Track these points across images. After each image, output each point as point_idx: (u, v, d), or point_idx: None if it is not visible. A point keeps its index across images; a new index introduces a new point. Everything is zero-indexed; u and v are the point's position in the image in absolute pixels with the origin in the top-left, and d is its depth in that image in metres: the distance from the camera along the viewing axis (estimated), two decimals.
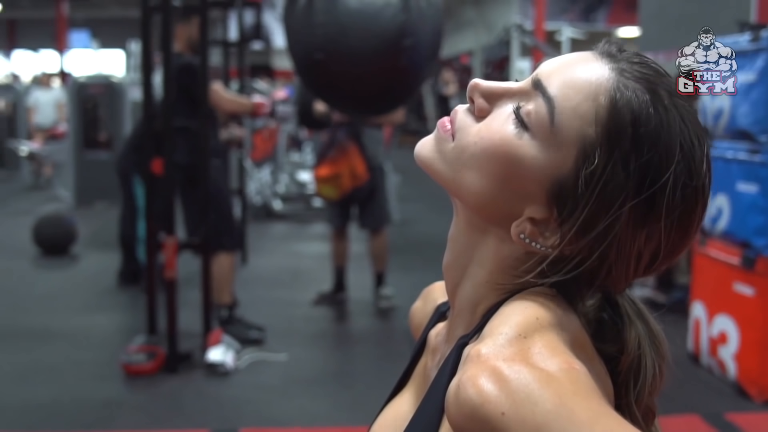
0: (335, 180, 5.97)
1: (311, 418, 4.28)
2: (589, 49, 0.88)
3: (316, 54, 4.17)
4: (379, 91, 4.34)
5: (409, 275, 7.15)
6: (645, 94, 0.82)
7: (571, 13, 20.61)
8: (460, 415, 0.74)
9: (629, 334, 0.88)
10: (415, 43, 4.17)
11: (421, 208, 11.21)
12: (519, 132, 0.83)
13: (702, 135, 0.84)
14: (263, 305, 6.14)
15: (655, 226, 0.82)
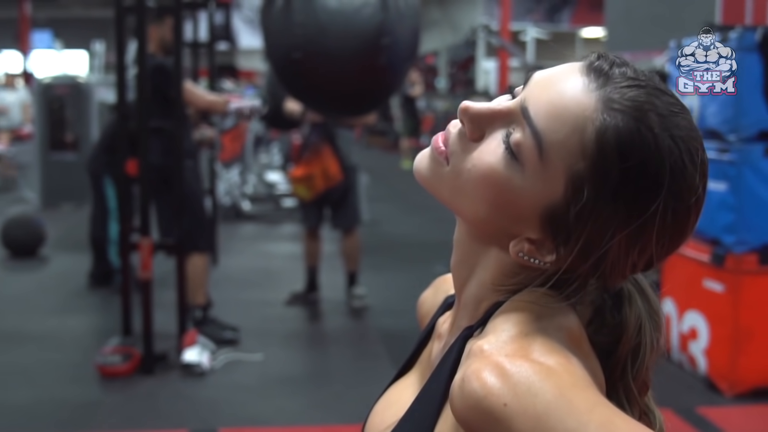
0: (309, 180, 5.99)
1: (289, 418, 4.29)
2: (580, 59, 0.89)
3: (294, 53, 4.19)
4: (358, 90, 4.36)
5: (381, 275, 7.19)
6: (633, 122, 0.82)
7: (535, 13, 20.77)
8: (465, 407, 0.78)
9: (630, 315, 0.92)
10: (394, 42, 4.20)
11: (390, 208, 11.25)
12: (509, 162, 0.85)
13: (695, 149, 0.84)
14: (236, 306, 6.14)
15: (648, 242, 0.85)
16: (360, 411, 4.35)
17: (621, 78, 0.85)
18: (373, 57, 4.20)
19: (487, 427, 0.77)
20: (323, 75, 4.25)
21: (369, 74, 4.27)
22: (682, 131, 0.84)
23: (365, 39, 4.17)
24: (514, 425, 0.75)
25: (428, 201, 12.73)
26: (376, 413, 1.10)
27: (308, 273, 6.47)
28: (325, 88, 4.32)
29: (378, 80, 4.33)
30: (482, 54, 19.17)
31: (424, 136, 17.86)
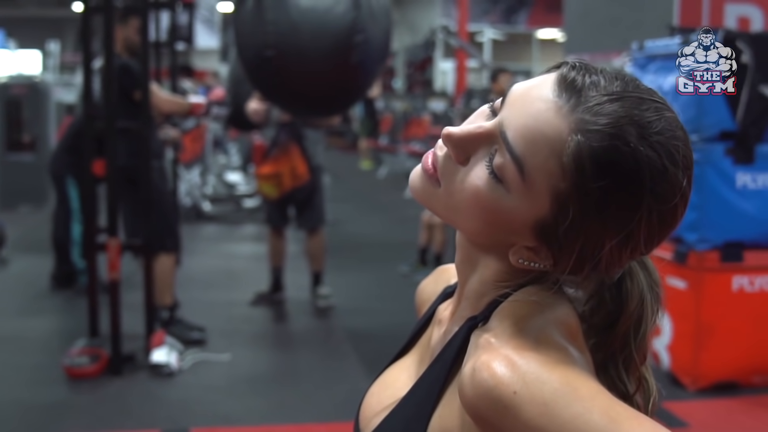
0: (276, 179, 6.01)
1: (260, 417, 4.31)
2: (553, 69, 0.91)
3: (267, 51, 4.18)
4: (331, 88, 4.35)
5: (344, 275, 7.21)
6: (608, 139, 0.84)
7: (492, 14, 20.89)
8: (476, 395, 0.83)
9: (632, 289, 0.97)
10: (366, 40, 4.21)
11: (350, 209, 11.28)
12: (494, 184, 0.89)
13: (676, 148, 0.87)
14: (201, 306, 6.13)
15: (638, 242, 0.89)
16: (331, 409, 4.40)
17: (595, 92, 0.86)
18: (346, 54, 4.21)
19: (497, 414, 0.82)
20: (296, 73, 4.25)
21: (342, 72, 4.28)
22: (662, 134, 0.86)
23: (338, 36, 4.18)
24: (523, 411, 0.80)
25: (388, 201, 12.82)
26: (372, 394, 1.14)
27: (273, 273, 6.49)
28: (298, 86, 4.32)
29: (351, 79, 4.34)
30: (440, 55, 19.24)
31: (383, 136, 17.91)
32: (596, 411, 0.80)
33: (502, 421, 0.82)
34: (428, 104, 16.97)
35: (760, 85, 4.44)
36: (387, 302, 6.69)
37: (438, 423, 0.93)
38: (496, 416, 0.82)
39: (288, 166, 5.98)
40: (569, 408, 0.80)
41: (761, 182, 4.54)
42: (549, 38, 23.88)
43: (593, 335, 0.97)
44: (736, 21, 7.25)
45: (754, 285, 4.56)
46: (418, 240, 7.72)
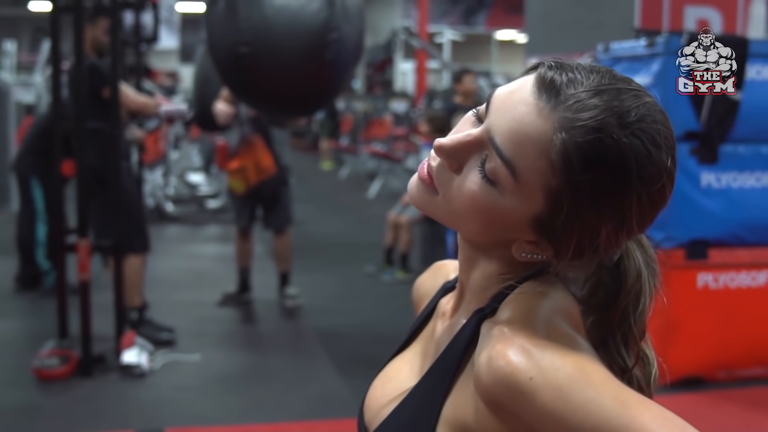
0: (241, 173, 6.03)
1: (234, 416, 4.32)
2: (531, 70, 0.95)
3: (240, 49, 4.18)
4: (306, 86, 4.35)
5: (310, 275, 7.22)
6: (592, 133, 0.87)
7: (451, 16, 21.02)
8: (493, 382, 0.87)
9: (629, 267, 1.01)
10: (340, 38, 4.22)
11: (314, 209, 11.28)
12: (489, 188, 0.93)
13: (657, 132, 0.91)
14: (169, 307, 6.11)
15: (633, 225, 0.93)
16: (304, 409, 4.43)
17: (573, 89, 0.89)
18: (320, 52, 4.22)
19: (514, 399, 0.86)
20: (270, 70, 4.25)
21: (316, 70, 4.28)
22: (642, 120, 0.89)
23: (312, 33, 4.19)
24: (538, 396, 0.85)
25: (351, 202, 12.84)
26: (376, 387, 1.17)
27: (240, 274, 6.48)
28: (272, 84, 4.31)
29: (325, 77, 4.35)
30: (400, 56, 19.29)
31: (344, 137, 17.93)
32: (607, 395, 0.84)
33: (518, 406, 0.86)
34: (390, 105, 17.01)
35: None
36: (354, 302, 6.72)
37: (450, 411, 0.96)
38: (513, 402, 0.86)
39: (252, 160, 6.01)
40: (582, 392, 0.84)
41: (725, 182, 4.64)
42: (508, 39, 24.08)
43: (593, 313, 1.01)
44: (695, 23, 7.37)
45: (718, 282, 4.66)
46: (383, 240, 7.76)
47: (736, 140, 4.64)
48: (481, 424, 0.92)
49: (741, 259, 4.68)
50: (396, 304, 6.66)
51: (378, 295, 6.99)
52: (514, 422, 0.88)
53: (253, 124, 6.09)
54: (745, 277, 4.68)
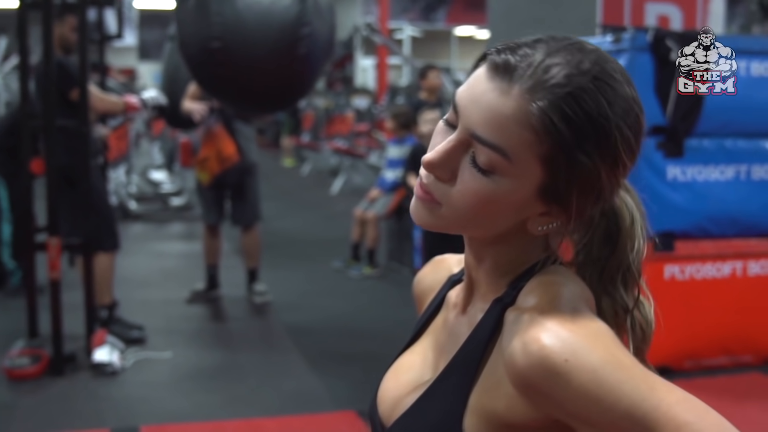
0: (204, 163, 6.05)
1: (208, 413, 4.32)
2: (480, 61, 0.99)
3: (213, 43, 4.18)
4: (278, 81, 4.35)
5: (277, 272, 7.23)
6: (558, 90, 0.92)
7: (411, 12, 21.06)
8: (529, 365, 0.91)
9: (622, 210, 1.06)
10: (313, 32, 4.24)
11: (277, 206, 11.26)
12: (487, 179, 0.96)
13: (612, 69, 0.96)
14: (137, 305, 6.09)
15: (623, 159, 0.98)
16: (278, 404, 4.44)
17: (526, 62, 0.94)
18: (293, 47, 4.23)
19: (549, 382, 0.90)
20: (242, 65, 4.25)
21: (288, 65, 4.29)
22: (598, 65, 0.95)
23: (284, 28, 4.20)
24: (573, 377, 0.88)
25: (314, 198, 12.83)
26: (389, 380, 1.19)
27: (208, 270, 6.47)
28: (244, 79, 4.31)
29: (297, 71, 4.36)
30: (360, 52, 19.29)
31: (305, 133, 17.90)
32: (637, 378, 0.88)
33: (553, 389, 0.89)
34: (351, 101, 17.01)
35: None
36: (323, 298, 6.74)
37: (477, 399, 0.99)
38: (548, 384, 0.89)
39: (215, 149, 6.03)
40: (615, 374, 0.88)
41: (690, 175, 4.73)
42: (467, 35, 24.17)
43: (592, 265, 1.06)
44: (656, 19, 7.48)
45: (684, 273, 4.74)
46: (349, 236, 7.79)
47: (701, 134, 4.73)
48: (512, 409, 0.95)
49: (706, 251, 4.77)
50: (364, 300, 6.71)
51: (346, 290, 7.01)
52: (548, 405, 0.92)
53: (215, 114, 6.08)
54: (710, 269, 4.77)
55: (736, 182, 4.79)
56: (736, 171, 4.78)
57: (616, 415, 0.88)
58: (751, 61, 4.72)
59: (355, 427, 4.13)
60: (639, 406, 0.87)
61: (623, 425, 0.88)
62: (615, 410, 0.87)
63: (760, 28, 14.75)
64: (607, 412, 0.88)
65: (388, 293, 6.96)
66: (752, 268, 4.84)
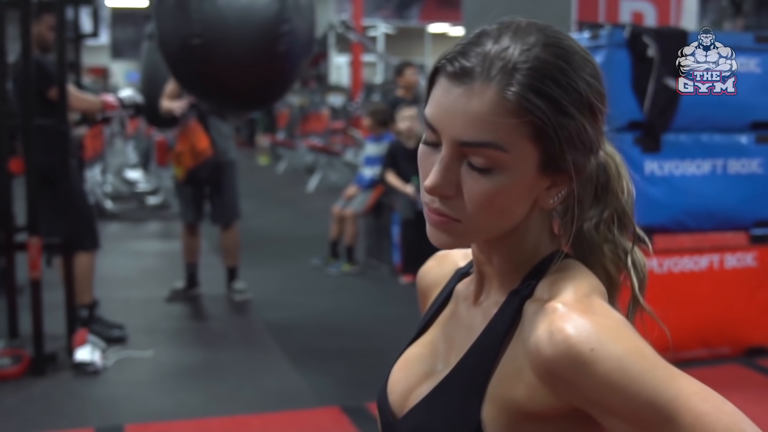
0: (179, 158, 6.07)
1: (192, 411, 4.32)
2: (436, 75, 1.02)
3: (193, 40, 4.18)
4: (259, 78, 4.35)
5: (256, 270, 7.22)
6: (524, 68, 0.96)
7: (385, 9, 21.09)
8: (555, 354, 0.93)
9: (606, 159, 1.10)
10: (292, 30, 4.24)
11: (254, 204, 11.24)
12: (492, 177, 0.98)
13: (554, 33, 1.00)
14: (116, 305, 6.07)
15: (598, 105, 1.02)
16: (261, 401, 4.46)
17: (479, 59, 0.97)
18: (273, 44, 4.23)
19: (575, 371, 0.92)
20: (223, 62, 4.25)
21: (269, 62, 4.30)
22: (541, 33, 1.00)
23: (264, 25, 4.20)
24: (599, 366, 0.91)
25: (291, 196, 12.82)
26: (398, 371, 1.21)
27: (187, 269, 6.47)
28: (225, 76, 4.31)
29: (278, 68, 4.37)
30: (334, 49, 19.30)
31: (280, 131, 17.88)
32: (659, 368, 0.92)
33: (578, 377, 0.92)
34: (326, 99, 17.01)
35: (665, 77, 4.66)
36: (303, 295, 6.75)
37: (495, 388, 1.01)
38: (574, 373, 0.92)
39: (188, 144, 6.05)
40: (638, 364, 0.91)
41: (667, 169, 4.78)
42: (440, 32, 24.23)
43: (588, 221, 1.10)
44: (630, 16, 7.54)
45: (662, 267, 4.80)
46: (326, 233, 7.80)
47: (677, 129, 4.78)
48: (532, 398, 0.97)
49: (684, 245, 4.83)
50: (344, 296, 6.73)
51: (325, 287, 7.03)
52: (571, 394, 0.94)
53: (190, 111, 6.08)
54: (687, 262, 4.83)
55: (713, 176, 4.85)
56: (712, 165, 4.84)
57: (638, 403, 0.91)
58: None
59: (339, 423, 4.15)
60: (660, 395, 0.90)
61: (644, 414, 0.91)
62: (637, 399, 0.91)
63: (731, 24, 14.91)
64: (630, 401, 0.91)
65: (368, 290, 6.99)
66: (729, 261, 4.90)
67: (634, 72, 4.66)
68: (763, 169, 4.92)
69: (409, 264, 7.14)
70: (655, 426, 0.91)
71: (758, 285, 4.94)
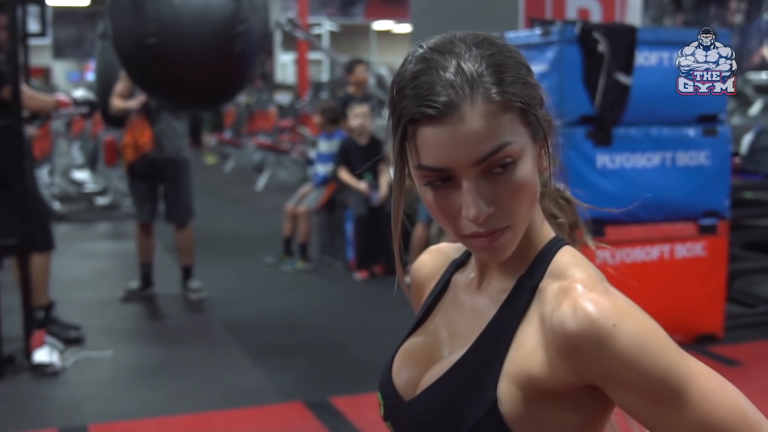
0: (124, 150, 6.15)
1: (155, 409, 4.33)
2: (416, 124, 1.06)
3: (148, 39, 4.18)
4: (214, 77, 4.37)
5: (209, 268, 7.21)
6: (496, 71, 1.04)
7: (329, 7, 21.11)
8: (581, 329, 1.00)
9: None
10: (248, 29, 4.27)
11: (204, 204, 11.13)
12: (512, 170, 1.05)
13: (491, 33, 1.10)
14: (71, 306, 6.03)
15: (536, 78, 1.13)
16: (223, 398, 4.48)
17: (452, 88, 1.02)
18: (230, 43, 4.26)
19: (597, 344, 1.00)
20: (180, 61, 4.26)
21: (225, 61, 4.32)
22: (486, 40, 1.07)
23: (221, 25, 4.22)
24: (619, 341, 0.99)
25: (240, 195, 12.79)
26: (402, 358, 1.26)
27: (142, 268, 6.45)
28: (181, 74, 4.33)
29: (234, 68, 4.39)
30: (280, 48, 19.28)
31: (227, 130, 17.80)
32: (671, 347, 1.01)
33: (598, 351, 1.00)
34: (273, 97, 16.98)
35: (616, 72, 4.77)
36: (258, 293, 6.77)
37: (512, 366, 1.07)
38: (595, 347, 1.00)
39: (132, 137, 6.10)
40: (654, 341, 1.00)
41: (618, 162, 4.89)
42: (385, 29, 24.32)
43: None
44: (576, 13, 7.67)
45: (615, 258, 4.90)
46: (278, 231, 7.82)
47: (628, 123, 4.89)
48: (550, 375, 1.04)
49: (635, 235, 4.95)
50: (299, 293, 6.76)
51: (281, 285, 7.05)
52: (589, 369, 1.02)
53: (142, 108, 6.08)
54: (639, 252, 4.95)
55: (662, 169, 4.97)
56: (662, 158, 4.96)
57: (652, 378, 0.99)
58: (674, 52, 4.88)
59: (303, 418, 4.20)
60: (672, 371, 0.99)
61: (657, 388, 0.99)
62: (652, 374, 0.99)
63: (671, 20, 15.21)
64: (645, 375, 0.99)
65: (323, 287, 7.03)
66: (679, 251, 5.04)
67: (585, 67, 4.76)
68: (711, 161, 5.06)
69: (363, 260, 7.20)
70: (666, 400, 1.00)
71: (707, 273, 5.09)
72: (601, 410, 1.09)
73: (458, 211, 1.06)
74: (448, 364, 1.16)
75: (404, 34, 23.16)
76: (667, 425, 1.01)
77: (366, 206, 7.13)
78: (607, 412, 1.11)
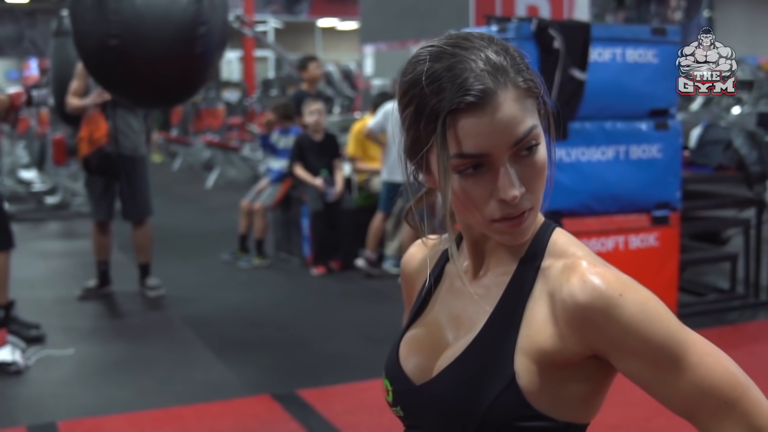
0: (78, 145, 6.15)
1: (122, 405, 4.35)
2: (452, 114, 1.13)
3: (110, 40, 4.21)
4: (176, 77, 4.42)
5: (166, 266, 7.19)
6: (517, 60, 1.14)
7: (275, 5, 21.09)
8: (591, 300, 1.09)
9: None
10: (209, 31, 4.32)
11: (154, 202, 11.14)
12: (537, 150, 1.13)
13: (491, 35, 1.18)
14: (29, 305, 5.97)
15: None
16: (190, 393, 4.53)
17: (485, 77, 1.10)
18: (190, 45, 4.30)
19: (605, 313, 1.09)
20: (141, 62, 4.30)
21: (186, 62, 4.37)
22: (493, 39, 1.16)
23: (182, 27, 4.27)
24: (626, 309, 1.09)
25: (190, 193, 12.74)
26: (407, 346, 1.32)
27: (99, 267, 6.43)
28: (143, 74, 4.36)
29: (194, 68, 4.44)
30: None
31: (174, 128, 17.71)
32: (670, 315, 1.11)
33: (606, 320, 1.09)
34: (221, 94, 16.93)
35: (571, 68, 4.89)
36: (216, 289, 6.80)
37: (525, 341, 1.15)
38: (603, 316, 1.09)
39: (87, 131, 6.09)
40: (657, 308, 1.10)
41: (574, 156, 5.01)
42: (329, 27, 24.35)
43: None
44: (525, 10, 7.79)
45: None
46: (232, 228, 7.84)
47: (583, 118, 5.02)
48: (560, 345, 1.12)
49: (591, 227, 5.07)
50: (257, 289, 6.80)
51: (238, 281, 7.08)
52: (597, 338, 1.10)
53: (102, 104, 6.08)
54: (595, 243, 5.08)
55: (616, 162, 5.11)
56: (615, 151, 5.10)
57: (655, 344, 1.09)
58: (626, 48, 5.04)
59: (271, 410, 4.25)
60: (673, 337, 1.10)
61: (659, 353, 1.09)
62: (655, 340, 1.09)
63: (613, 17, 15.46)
64: (648, 341, 1.09)
65: (280, 282, 7.08)
66: (633, 242, 5.18)
67: (540, 63, 4.86)
68: (662, 154, 5.21)
69: (319, 255, 7.25)
70: (667, 363, 1.10)
71: (661, 263, 5.24)
72: (606, 379, 1.18)
73: (488, 195, 1.13)
74: (461, 346, 1.21)
75: (349, 31, 23.23)
76: (667, 388, 1.11)
77: (322, 202, 7.19)
78: (610, 381, 1.19)
